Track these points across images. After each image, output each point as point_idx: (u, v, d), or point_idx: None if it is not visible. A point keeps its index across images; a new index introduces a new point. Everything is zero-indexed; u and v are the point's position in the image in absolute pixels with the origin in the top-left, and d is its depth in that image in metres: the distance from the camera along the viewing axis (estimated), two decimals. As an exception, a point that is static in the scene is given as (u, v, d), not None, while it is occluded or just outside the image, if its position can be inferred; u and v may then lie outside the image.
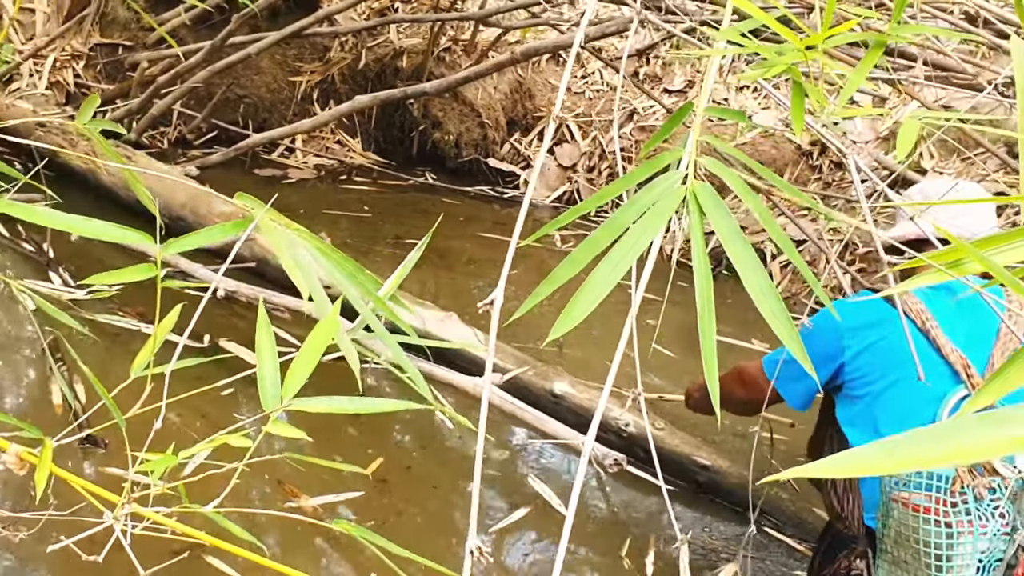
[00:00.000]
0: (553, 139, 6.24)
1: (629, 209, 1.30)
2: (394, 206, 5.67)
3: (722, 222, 1.28)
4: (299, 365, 1.23)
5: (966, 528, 1.94)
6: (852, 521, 2.23)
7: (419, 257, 1.71)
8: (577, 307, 1.25)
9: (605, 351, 3.93)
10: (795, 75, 1.51)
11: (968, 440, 0.61)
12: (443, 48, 6.18)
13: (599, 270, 1.25)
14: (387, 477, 3.14)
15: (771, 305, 1.22)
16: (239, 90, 6.15)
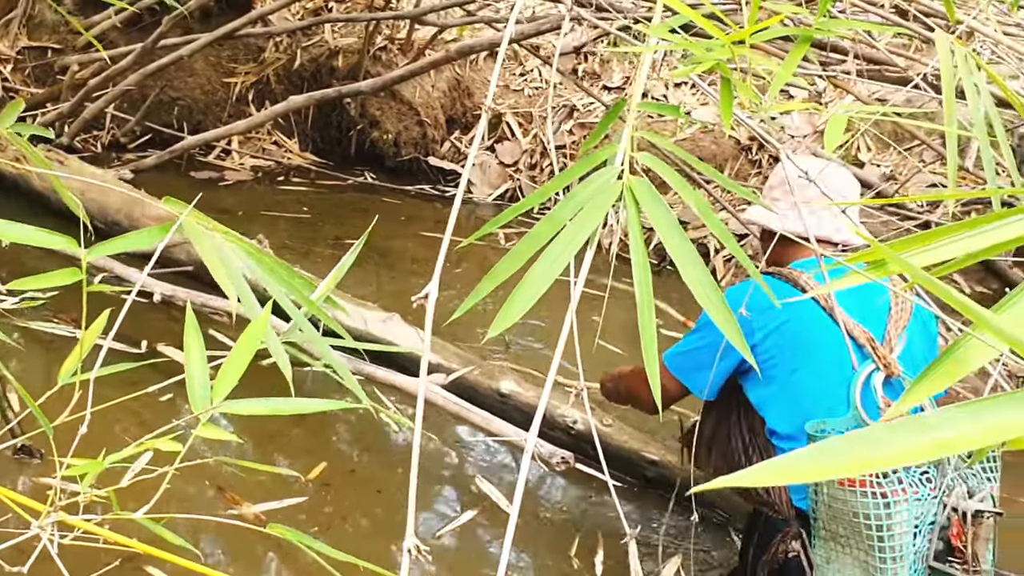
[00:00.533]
0: (494, 137, 6.23)
1: (567, 205, 1.31)
2: (333, 206, 5.63)
3: (659, 216, 1.28)
4: (229, 368, 1.21)
5: (901, 496, 1.99)
6: (781, 505, 2.25)
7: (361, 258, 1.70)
8: (516, 304, 1.25)
9: (553, 348, 3.93)
10: (723, 71, 1.52)
11: (896, 444, 0.62)
12: (379, 47, 6.14)
13: (537, 266, 1.25)
14: (331, 481, 3.11)
15: (710, 296, 1.23)
16: (173, 92, 6.06)
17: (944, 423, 0.60)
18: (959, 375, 0.75)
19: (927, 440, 0.64)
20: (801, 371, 2.23)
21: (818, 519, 2.12)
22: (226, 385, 1.20)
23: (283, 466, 3.20)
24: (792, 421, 2.23)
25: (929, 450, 0.64)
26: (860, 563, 2.04)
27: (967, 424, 0.64)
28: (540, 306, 1.18)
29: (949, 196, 2.28)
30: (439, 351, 3.59)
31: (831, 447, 0.59)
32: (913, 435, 0.60)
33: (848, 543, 2.07)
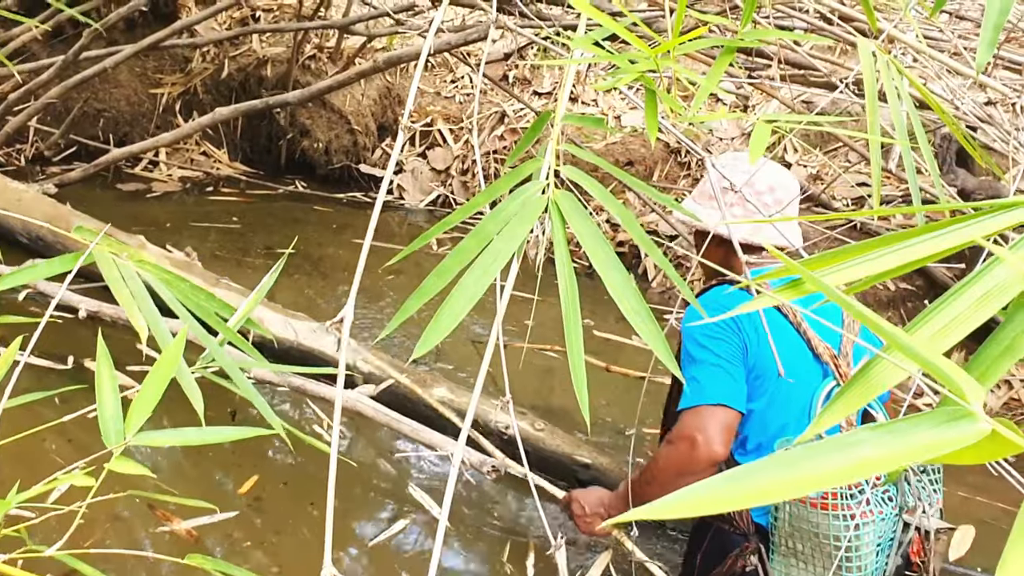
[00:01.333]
0: (426, 143, 6.22)
1: (494, 219, 1.31)
2: (264, 216, 5.57)
3: (583, 227, 1.30)
4: (141, 401, 1.19)
5: (870, 518, 1.98)
6: (741, 520, 2.19)
7: (294, 267, 1.68)
8: (443, 320, 1.25)
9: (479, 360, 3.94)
10: (647, 83, 1.54)
11: (815, 466, 0.63)
12: (308, 56, 6.10)
13: (463, 283, 1.26)
14: (263, 495, 3.08)
15: (631, 303, 1.24)
16: (98, 104, 5.95)
17: (861, 444, 0.61)
18: (872, 396, 0.77)
19: (847, 460, 0.65)
20: (778, 386, 2.17)
21: (778, 535, 2.10)
22: (139, 418, 1.18)
23: (215, 479, 3.16)
24: (764, 433, 2.18)
25: (849, 471, 0.65)
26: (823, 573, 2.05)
27: (885, 446, 0.65)
28: (479, 312, 1.19)
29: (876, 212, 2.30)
30: (370, 362, 3.56)
31: (744, 473, 0.59)
32: (832, 456, 0.61)
33: (810, 560, 2.06)
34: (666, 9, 1.77)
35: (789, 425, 2.17)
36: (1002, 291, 0.80)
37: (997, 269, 0.81)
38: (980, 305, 0.80)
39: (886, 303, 4.64)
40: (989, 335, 0.82)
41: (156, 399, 1.19)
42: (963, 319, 0.80)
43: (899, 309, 4.59)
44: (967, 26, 3.41)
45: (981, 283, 0.81)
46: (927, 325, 0.80)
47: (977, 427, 0.62)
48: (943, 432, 0.64)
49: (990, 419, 0.62)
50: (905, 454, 0.65)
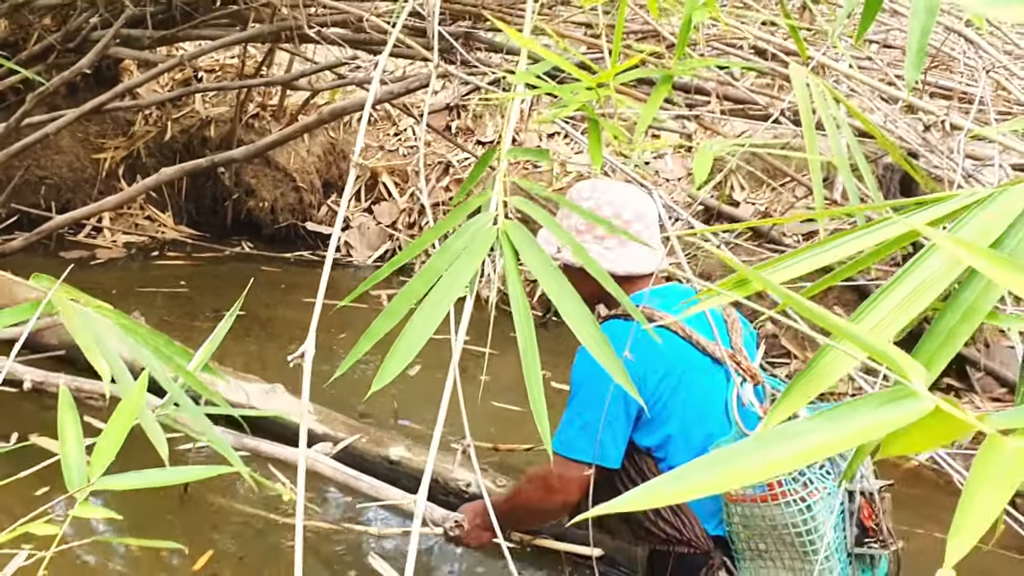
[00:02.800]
0: (371, 198, 6.22)
1: (442, 255, 1.30)
2: (212, 279, 5.51)
3: (534, 257, 1.28)
4: (104, 445, 1.16)
5: (817, 496, 2.03)
6: (697, 539, 2.23)
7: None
8: (395, 358, 1.23)
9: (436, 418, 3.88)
10: (589, 113, 1.55)
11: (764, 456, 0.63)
12: (251, 115, 6.10)
13: (415, 320, 1.24)
14: (218, 571, 2.99)
15: (588, 331, 1.23)
16: (39, 171, 5.89)
17: (807, 432, 0.61)
18: (823, 387, 0.77)
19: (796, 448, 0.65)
20: (688, 403, 2.25)
21: (738, 541, 2.13)
22: (102, 462, 1.16)
23: (166, 555, 3.07)
24: (688, 453, 2.22)
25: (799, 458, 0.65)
26: (790, 570, 2.08)
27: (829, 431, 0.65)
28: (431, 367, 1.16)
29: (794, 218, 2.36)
30: (326, 421, 3.51)
31: (702, 464, 0.59)
32: (779, 446, 0.61)
33: (775, 555, 2.09)
34: (604, 48, 1.79)
35: (714, 434, 2.21)
36: (937, 281, 0.81)
37: (931, 259, 0.82)
38: (918, 294, 0.82)
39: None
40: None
41: (119, 442, 1.17)
42: (904, 307, 0.81)
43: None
44: (895, 54, 3.49)
45: (918, 272, 0.82)
46: (869, 316, 0.81)
47: (920, 405, 0.63)
48: (887, 412, 0.64)
49: (933, 396, 0.63)
50: (851, 437, 0.65)
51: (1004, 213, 0.84)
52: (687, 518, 2.24)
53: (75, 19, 5.08)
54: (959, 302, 0.84)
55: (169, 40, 5.22)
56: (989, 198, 0.88)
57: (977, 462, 0.60)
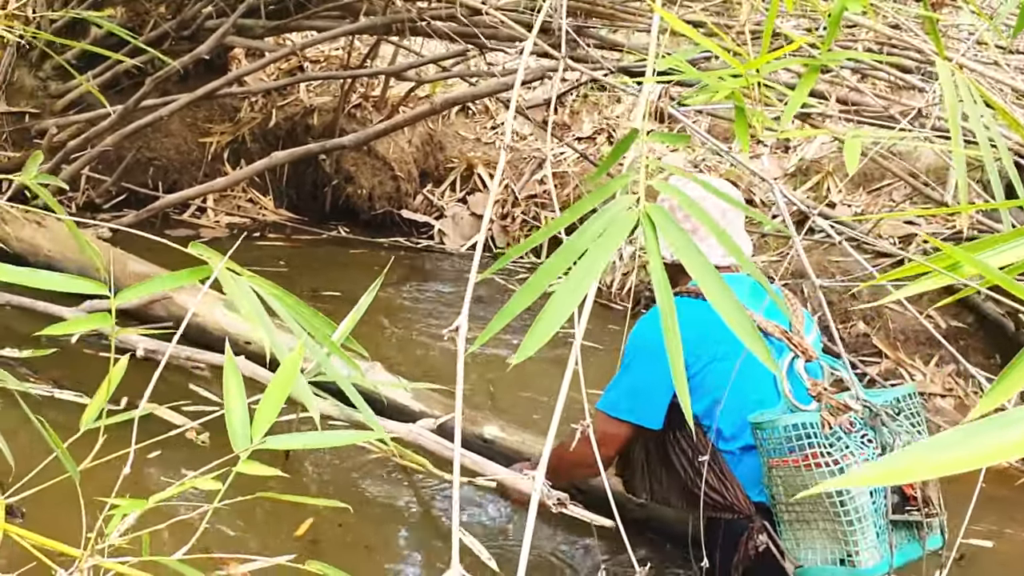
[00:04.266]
0: (466, 188, 6.32)
1: (582, 235, 1.34)
2: (310, 260, 5.66)
3: (678, 239, 1.32)
4: (265, 408, 1.24)
5: (852, 460, 2.12)
6: (740, 504, 2.37)
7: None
8: (542, 326, 1.28)
9: (532, 404, 3.96)
10: (738, 100, 1.59)
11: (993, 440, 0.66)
12: (354, 105, 6.23)
13: (556, 297, 1.29)
14: (318, 538, 3.08)
15: (741, 322, 1.27)
16: (149, 153, 6.09)
17: None
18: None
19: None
20: (716, 364, 2.38)
21: (779, 506, 2.25)
22: (264, 423, 1.23)
23: (269, 522, 3.16)
24: (733, 421, 2.38)
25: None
26: (828, 534, 2.17)
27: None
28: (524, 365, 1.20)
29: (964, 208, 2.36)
30: (423, 399, 3.60)
31: (949, 441, 0.62)
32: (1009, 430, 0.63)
33: (813, 520, 2.19)
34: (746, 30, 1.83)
35: (763, 402, 2.33)
36: None
37: None
38: None
39: (937, 341, 4.64)
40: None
41: (280, 404, 1.24)
42: None
43: (953, 344, 4.59)
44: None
45: None
46: None
47: None
48: None
49: None
50: None
51: None
52: (731, 485, 2.39)
53: (190, 7, 5.25)
54: None
55: (282, 30, 5.36)
56: None
57: None
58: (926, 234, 4.75)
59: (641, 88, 1.89)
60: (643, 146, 1.52)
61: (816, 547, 2.19)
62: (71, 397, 3.54)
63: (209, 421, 2.98)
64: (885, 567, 2.14)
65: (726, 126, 6.02)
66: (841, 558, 2.15)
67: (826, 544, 2.17)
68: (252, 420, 1.34)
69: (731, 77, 1.56)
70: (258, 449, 1.40)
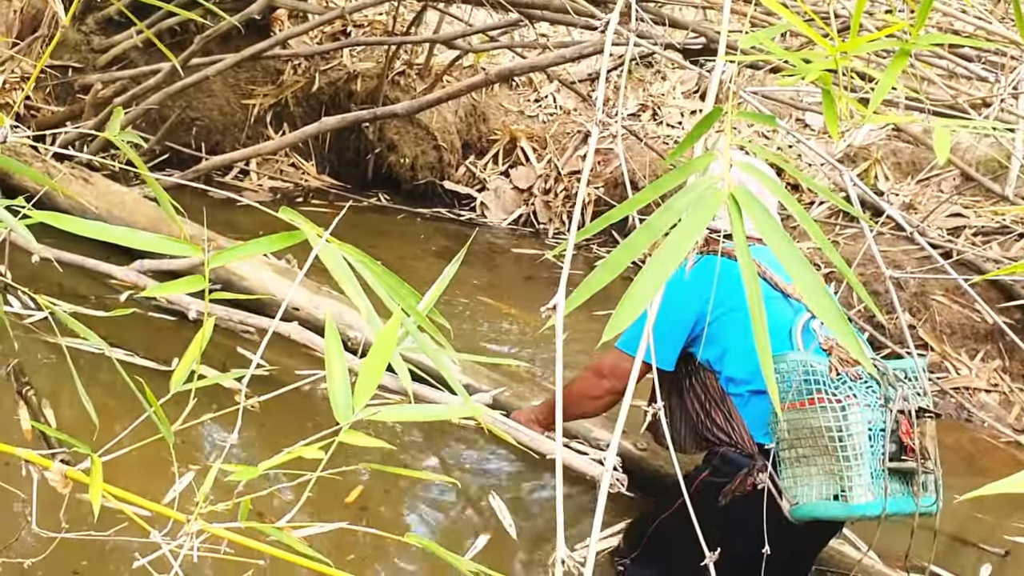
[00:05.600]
0: (508, 162, 6.28)
1: (665, 213, 1.31)
2: (350, 228, 5.62)
3: (764, 222, 1.29)
4: (365, 377, 1.21)
5: (854, 401, 2.26)
6: (744, 443, 2.50)
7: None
8: (627, 306, 1.26)
9: (571, 362, 3.94)
10: (826, 82, 1.55)
11: None
12: (397, 72, 6.19)
13: (645, 272, 1.26)
14: (367, 504, 3.08)
15: (822, 301, 1.24)
16: (192, 113, 6.08)
17: None
18: None
19: None
20: (732, 314, 2.51)
21: (782, 447, 2.37)
22: (366, 393, 1.21)
23: (320, 490, 3.17)
24: (745, 367, 2.51)
25: None
26: (825, 472, 2.28)
27: None
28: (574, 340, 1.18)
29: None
30: (471, 373, 3.59)
31: None
32: None
33: (812, 459, 2.30)
34: (830, 12, 1.78)
35: (777, 351, 2.43)
36: None
37: None
38: None
39: (984, 336, 4.59)
40: None
41: (379, 377, 1.22)
42: None
43: (997, 343, 4.54)
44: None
45: None
46: None
47: None
48: None
49: None
50: None
51: None
52: (737, 425, 2.51)
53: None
54: None
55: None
56: None
57: None
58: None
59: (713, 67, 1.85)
60: (728, 124, 1.48)
61: (813, 484, 2.30)
62: (123, 356, 3.55)
63: (257, 385, 2.98)
64: (878, 509, 2.24)
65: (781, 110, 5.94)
66: (835, 493, 2.27)
67: (823, 480, 2.28)
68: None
69: (822, 59, 1.51)
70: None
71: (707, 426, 2.56)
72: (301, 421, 3.29)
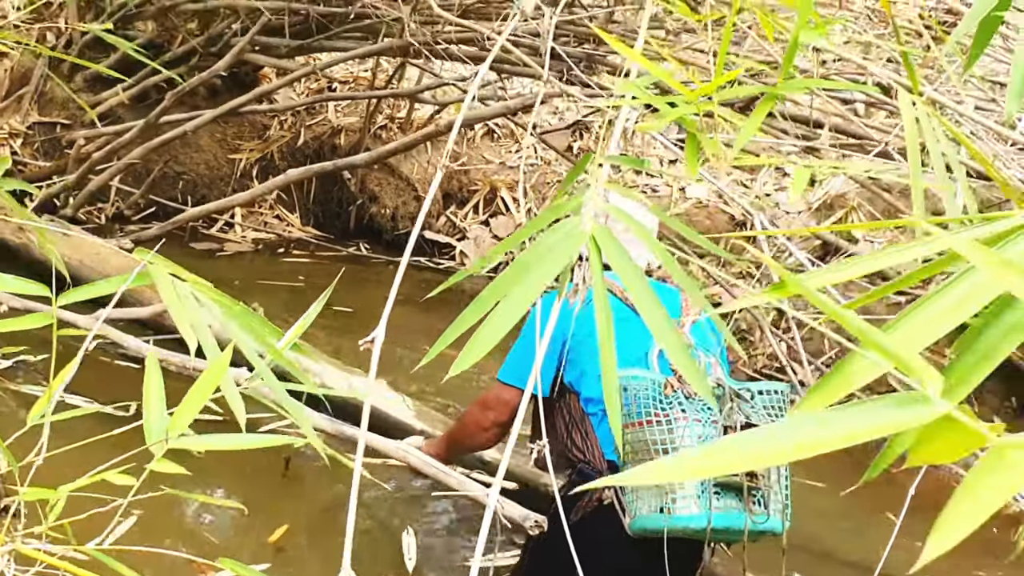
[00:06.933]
0: (489, 211, 6.35)
1: (534, 251, 1.37)
2: (329, 276, 5.68)
3: (622, 263, 1.33)
4: (186, 406, 1.26)
5: (682, 417, 2.33)
6: (596, 460, 2.57)
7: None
8: (478, 343, 1.30)
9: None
10: (689, 125, 1.60)
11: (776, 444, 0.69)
12: (379, 126, 6.30)
13: (500, 308, 1.31)
14: (286, 546, 3.11)
15: (670, 340, 1.28)
16: (178, 167, 6.20)
17: (828, 421, 0.66)
18: (847, 390, 0.80)
19: (811, 436, 0.70)
20: (591, 339, 2.55)
21: (626, 462, 2.41)
22: (182, 421, 1.26)
23: (240, 525, 3.20)
24: (599, 388, 2.52)
25: (810, 446, 0.70)
26: (656, 485, 2.33)
27: (849, 422, 0.70)
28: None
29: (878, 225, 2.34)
30: (424, 417, 3.62)
31: (719, 448, 0.65)
32: (794, 432, 0.66)
33: None
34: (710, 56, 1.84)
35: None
36: (977, 295, 0.83)
37: (976, 274, 0.84)
38: (956, 309, 0.83)
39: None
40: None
41: (200, 405, 1.26)
42: (937, 321, 0.83)
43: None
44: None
45: (960, 286, 0.84)
46: (903, 326, 0.83)
47: (931, 410, 0.66)
48: (901, 413, 0.68)
49: (947, 403, 0.66)
50: (864, 431, 0.69)
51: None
52: (592, 443, 2.59)
53: (217, 25, 5.35)
54: (1003, 320, 0.84)
55: (305, 50, 5.45)
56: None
57: (976, 468, 0.62)
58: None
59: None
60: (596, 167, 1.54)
61: (645, 497, 2.37)
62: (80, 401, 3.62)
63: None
64: (703, 521, 2.29)
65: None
66: (661, 506, 2.32)
67: (653, 493, 2.35)
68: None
69: (684, 103, 1.57)
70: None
71: (568, 446, 2.64)
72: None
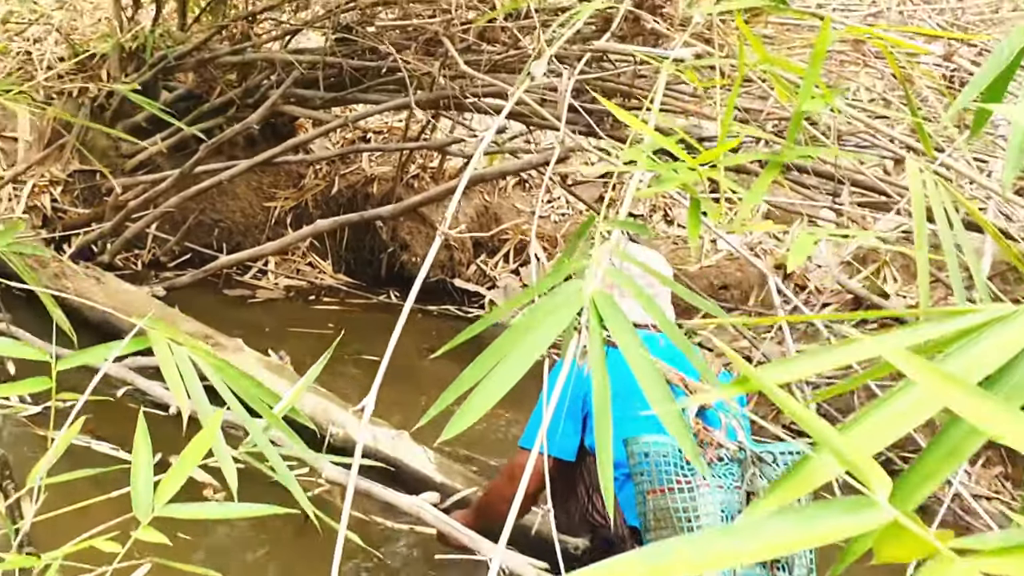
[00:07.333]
0: (519, 260, 6.39)
1: (534, 315, 1.38)
2: (359, 324, 5.75)
3: (621, 330, 1.34)
4: (173, 475, 1.28)
5: (703, 482, 2.32)
6: (618, 527, 2.59)
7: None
8: (473, 407, 1.31)
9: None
10: (690, 192, 1.62)
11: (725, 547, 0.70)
12: (412, 176, 6.38)
13: (496, 371, 1.32)
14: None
15: (672, 419, 1.29)
16: (214, 215, 6.30)
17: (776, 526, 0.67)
18: (805, 491, 0.81)
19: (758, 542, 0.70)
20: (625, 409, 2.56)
21: (648, 530, 2.41)
22: (168, 491, 1.27)
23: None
24: (620, 451, 2.52)
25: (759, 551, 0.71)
26: None
27: (797, 527, 0.70)
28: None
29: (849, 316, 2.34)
30: (445, 471, 3.62)
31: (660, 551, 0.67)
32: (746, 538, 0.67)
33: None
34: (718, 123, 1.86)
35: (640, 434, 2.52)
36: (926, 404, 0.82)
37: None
38: (909, 414, 0.83)
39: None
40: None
41: (187, 474, 1.28)
42: (891, 425, 0.82)
43: (999, 449, 4.47)
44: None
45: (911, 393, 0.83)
46: (859, 426, 0.83)
47: (879, 515, 0.67)
48: (849, 518, 0.69)
49: (894, 509, 0.67)
50: (812, 538, 0.70)
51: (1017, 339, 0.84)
52: (615, 510, 2.60)
53: (255, 77, 5.46)
54: (945, 439, 0.83)
55: (339, 102, 5.55)
56: (1008, 318, 0.87)
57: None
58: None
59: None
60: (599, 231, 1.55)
61: None
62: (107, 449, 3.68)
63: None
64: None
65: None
66: None
67: None
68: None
69: (687, 170, 1.59)
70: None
71: (589, 510, 2.66)
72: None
